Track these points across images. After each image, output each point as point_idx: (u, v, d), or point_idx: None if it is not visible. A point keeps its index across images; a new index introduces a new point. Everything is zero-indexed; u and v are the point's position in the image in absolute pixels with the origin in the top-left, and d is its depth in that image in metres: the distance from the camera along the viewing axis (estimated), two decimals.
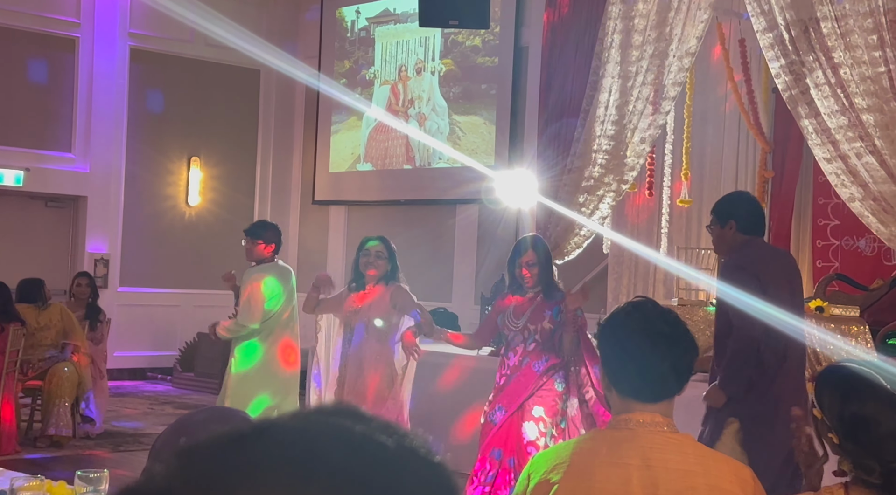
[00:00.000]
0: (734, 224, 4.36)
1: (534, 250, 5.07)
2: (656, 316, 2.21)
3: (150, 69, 11.34)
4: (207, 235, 11.82)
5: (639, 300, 2.30)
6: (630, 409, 2.20)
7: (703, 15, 6.77)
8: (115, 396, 9.37)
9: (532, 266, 5.05)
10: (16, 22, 10.46)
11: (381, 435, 0.66)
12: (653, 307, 2.25)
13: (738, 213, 4.39)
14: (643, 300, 2.30)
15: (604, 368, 2.26)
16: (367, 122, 11.56)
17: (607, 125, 7.37)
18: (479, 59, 10.64)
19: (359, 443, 0.65)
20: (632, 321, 2.20)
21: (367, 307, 5.51)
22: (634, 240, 8.19)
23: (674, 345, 2.18)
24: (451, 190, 10.61)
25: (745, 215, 4.39)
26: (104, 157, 10.97)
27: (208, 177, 11.85)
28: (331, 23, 11.92)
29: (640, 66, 7.10)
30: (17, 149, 10.51)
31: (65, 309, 7.65)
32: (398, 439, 0.67)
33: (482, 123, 10.57)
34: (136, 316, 11.19)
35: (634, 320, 2.20)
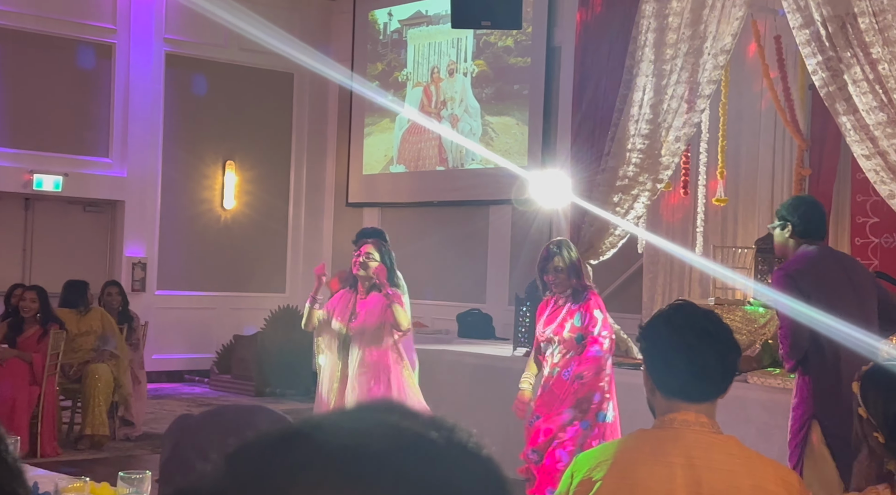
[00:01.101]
0: (793, 227, 4.39)
1: (559, 256, 5.08)
2: (700, 315, 2.21)
3: (185, 74, 11.45)
4: (242, 238, 11.91)
5: (679, 302, 2.30)
6: (674, 409, 2.20)
7: (738, 12, 6.72)
8: (153, 398, 9.46)
9: (559, 272, 5.05)
10: (53, 29, 10.60)
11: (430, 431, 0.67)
12: (694, 308, 2.25)
13: (800, 216, 4.40)
14: (684, 302, 2.30)
15: (648, 369, 2.26)
16: (399, 124, 11.59)
17: (641, 124, 7.34)
18: (512, 59, 10.63)
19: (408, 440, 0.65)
20: (676, 321, 2.21)
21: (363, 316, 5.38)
22: (669, 239, 8.14)
23: (719, 343, 2.18)
24: (484, 191, 10.61)
25: (802, 219, 4.39)
26: (141, 162, 11.09)
27: (243, 180, 11.93)
28: (363, 25, 11.97)
29: (675, 65, 7.06)
30: (55, 155, 10.65)
31: (106, 314, 7.73)
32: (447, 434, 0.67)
33: (515, 124, 10.56)
34: (173, 319, 11.30)
35: (678, 320, 2.20)
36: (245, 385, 10.77)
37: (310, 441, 0.65)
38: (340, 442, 0.64)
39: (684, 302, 2.35)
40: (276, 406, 9.15)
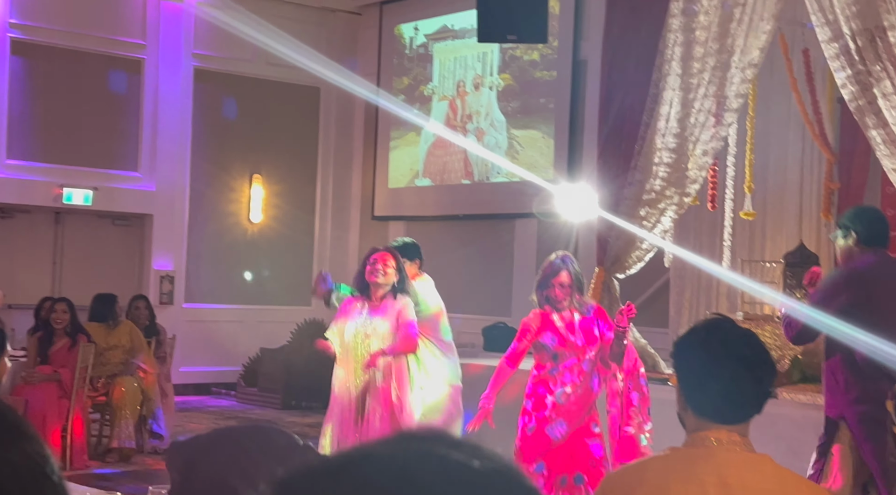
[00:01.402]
0: (855, 236, 4.47)
1: (566, 270, 5.14)
2: (738, 336, 2.18)
3: (213, 88, 11.55)
4: (269, 251, 11.97)
5: (716, 319, 2.28)
6: (706, 427, 2.18)
7: (765, 26, 6.70)
8: (181, 411, 9.51)
9: (564, 286, 5.12)
10: (83, 44, 10.73)
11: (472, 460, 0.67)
12: (732, 327, 2.22)
13: (861, 225, 4.49)
14: (721, 319, 2.28)
15: (681, 388, 2.24)
16: (425, 138, 11.62)
17: (668, 138, 7.32)
18: (538, 73, 10.64)
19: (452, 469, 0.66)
20: (712, 341, 2.18)
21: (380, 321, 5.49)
22: (697, 253, 8.10)
23: (756, 367, 2.15)
24: (510, 204, 10.61)
25: (866, 227, 4.49)
26: (169, 176, 11.18)
27: (270, 193, 12.00)
28: (389, 40, 12.02)
29: (702, 78, 7.04)
30: (85, 169, 10.77)
31: (134, 328, 7.78)
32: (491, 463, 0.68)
33: (540, 137, 10.56)
34: (200, 331, 11.36)
35: (715, 340, 2.17)
36: (271, 398, 10.80)
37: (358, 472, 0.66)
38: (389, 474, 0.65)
39: (721, 318, 2.33)
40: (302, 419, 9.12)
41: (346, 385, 5.49)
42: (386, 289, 5.49)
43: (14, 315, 9.61)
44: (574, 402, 5.06)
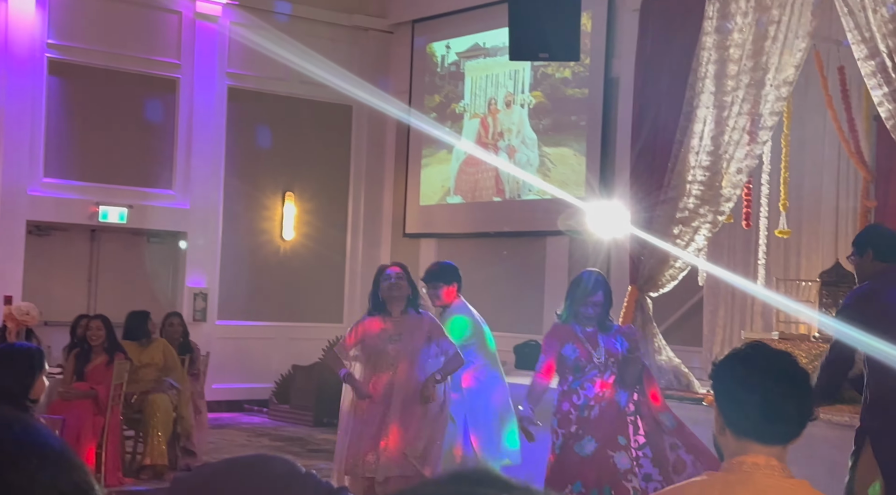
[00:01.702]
0: (871, 253, 4.64)
1: (603, 291, 5.21)
2: (778, 357, 2.18)
3: (246, 107, 11.65)
4: (301, 269, 12.02)
5: (755, 342, 2.28)
6: (745, 451, 2.16)
7: (800, 43, 6.65)
8: (213, 428, 9.55)
9: (598, 306, 5.19)
10: (119, 64, 10.87)
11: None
12: (772, 349, 2.23)
13: (875, 242, 4.68)
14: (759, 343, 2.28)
15: (719, 407, 2.22)
16: (456, 155, 11.64)
17: (702, 156, 7.28)
18: (569, 90, 10.63)
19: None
20: (752, 361, 2.18)
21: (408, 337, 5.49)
22: (731, 271, 8.03)
23: (796, 386, 2.14)
24: (541, 222, 10.59)
25: (881, 244, 4.67)
26: (203, 194, 11.28)
27: (302, 211, 12.06)
28: (421, 58, 12.07)
29: (736, 96, 7.00)
30: (121, 187, 10.88)
31: (168, 346, 7.82)
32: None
33: (572, 155, 10.54)
34: (233, 348, 11.42)
35: (755, 360, 2.17)
36: (303, 415, 10.82)
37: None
38: None
39: (759, 342, 2.34)
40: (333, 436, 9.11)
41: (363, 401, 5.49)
42: (403, 303, 5.52)
43: (50, 332, 9.71)
44: (600, 418, 5.04)
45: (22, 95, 10.33)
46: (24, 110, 10.33)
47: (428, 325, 5.53)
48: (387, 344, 5.48)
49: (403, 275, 5.59)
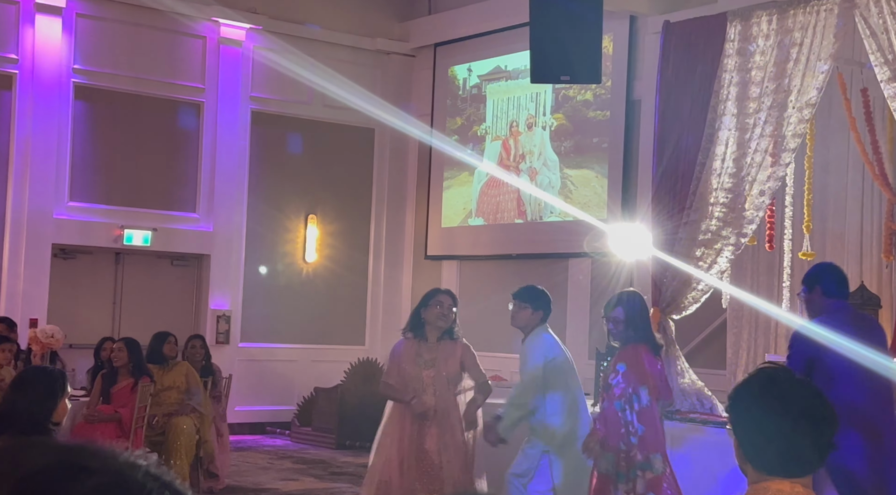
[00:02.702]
0: (819, 289, 5.03)
1: (619, 306, 5.31)
2: (795, 389, 2.12)
3: (270, 130, 11.73)
4: (324, 291, 12.05)
5: (771, 369, 2.21)
6: (767, 479, 2.14)
7: (823, 65, 6.63)
8: (236, 451, 9.57)
9: (617, 322, 5.28)
10: (144, 89, 10.99)
11: None
12: (788, 378, 2.15)
13: (823, 278, 5.09)
14: (776, 369, 2.22)
15: (739, 442, 2.19)
16: (478, 177, 11.67)
17: (724, 178, 7.25)
18: (591, 113, 10.64)
19: None
20: (768, 396, 2.11)
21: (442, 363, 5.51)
22: (754, 294, 7.98)
23: (815, 422, 2.09)
24: (564, 244, 10.57)
25: (828, 280, 5.09)
26: (227, 217, 11.35)
27: (324, 233, 12.11)
28: (443, 81, 12.13)
29: (758, 118, 6.98)
30: (145, 211, 10.97)
31: (191, 369, 7.84)
32: None
33: (594, 177, 10.54)
34: (256, 371, 11.45)
35: (772, 396, 2.11)
36: (326, 437, 10.81)
37: None
38: None
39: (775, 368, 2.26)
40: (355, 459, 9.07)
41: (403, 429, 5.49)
42: (442, 331, 5.53)
43: (74, 354, 9.78)
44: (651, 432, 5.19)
45: (48, 120, 10.46)
46: (49, 134, 10.46)
47: (461, 352, 5.55)
48: (421, 369, 5.50)
49: (454, 305, 5.61)
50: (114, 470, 0.75)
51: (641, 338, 5.27)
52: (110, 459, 0.77)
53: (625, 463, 5.15)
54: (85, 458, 0.76)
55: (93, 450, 0.77)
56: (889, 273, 7.77)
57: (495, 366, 11.14)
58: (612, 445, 5.17)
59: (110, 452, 0.77)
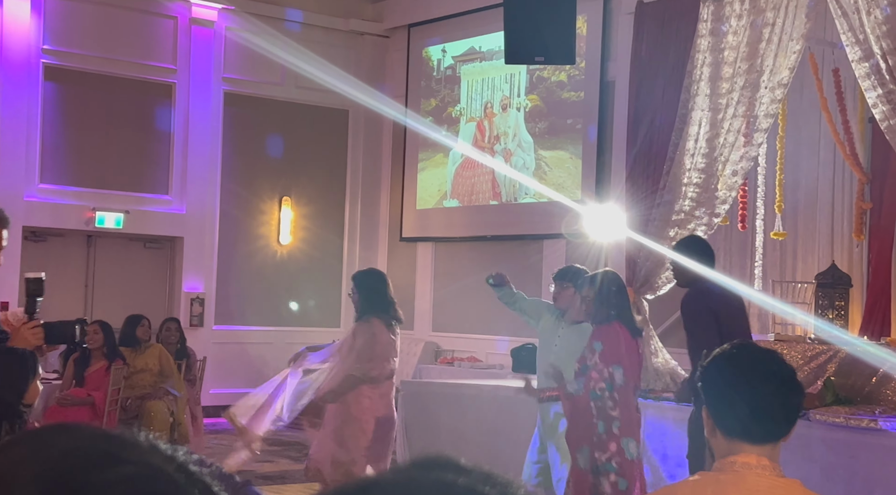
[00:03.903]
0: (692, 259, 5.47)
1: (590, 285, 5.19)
2: (763, 355, 2.19)
3: (243, 112, 11.65)
4: (298, 273, 12.02)
5: (739, 342, 2.28)
6: (735, 451, 2.16)
7: (795, 45, 6.67)
8: (210, 433, 9.54)
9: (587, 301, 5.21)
10: (115, 70, 10.87)
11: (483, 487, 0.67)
12: (757, 347, 2.23)
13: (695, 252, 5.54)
14: (745, 342, 2.28)
15: (709, 409, 2.23)
16: (453, 159, 11.65)
17: (697, 158, 7.29)
18: (565, 94, 10.65)
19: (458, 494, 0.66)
20: (738, 360, 2.18)
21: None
22: (727, 274, 8.03)
23: (784, 384, 2.15)
24: (538, 225, 10.59)
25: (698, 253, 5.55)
26: (200, 199, 11.28)
27: (299, 216, 12.07)
28: (417, 62, 12.09)
29: (731, 99, 7.01)
30: (117, 193, 10.88)
31: (164, 351, 7.81)
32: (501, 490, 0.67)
33: (568, 158, 10.55)
34: (230, 353, 11.41)
35: (741, 360, 2.18)
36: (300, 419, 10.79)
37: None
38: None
39: (744, 341, 2.33)
40: None
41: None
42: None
43: None
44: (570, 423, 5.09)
45: (17, 101, 10.33)
46: (19, 116, 10.33)
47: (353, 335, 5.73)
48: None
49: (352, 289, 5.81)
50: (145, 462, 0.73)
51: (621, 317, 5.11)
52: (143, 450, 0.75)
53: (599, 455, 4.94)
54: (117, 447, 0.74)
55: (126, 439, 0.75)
56: (860, 252, 7.85)
57: (470, 347, 11.18)
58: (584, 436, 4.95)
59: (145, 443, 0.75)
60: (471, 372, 9.97)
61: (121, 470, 0.71)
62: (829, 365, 6.37)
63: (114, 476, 0.71)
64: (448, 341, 11.43)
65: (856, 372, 6.16)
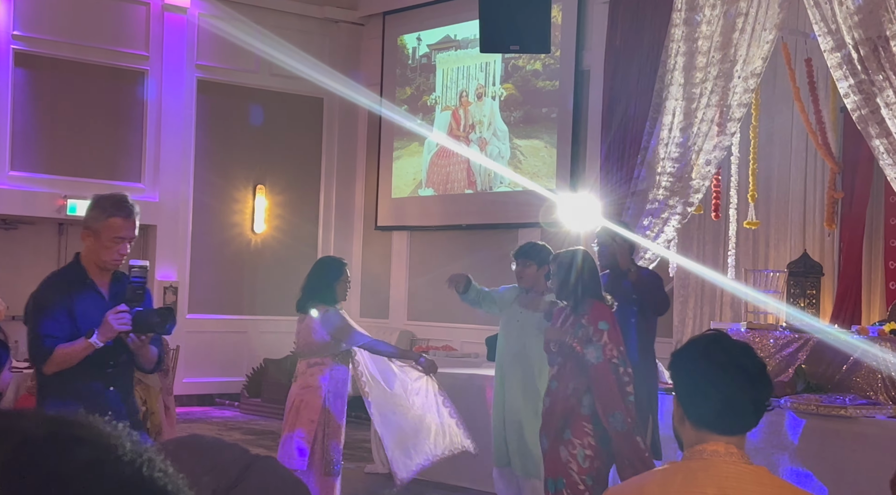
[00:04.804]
0: None
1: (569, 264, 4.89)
2: (736, 350, 2.20)
3: (216, 99, 11.57)
4: (273, 262, 11.97)
5: (714, 333, 2.29)
6: (704, 440, 2.18)
7: (768, 35, 6.70)
8: (184, 422, 9.50)
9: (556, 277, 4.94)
10: (87, 56, 10.76)
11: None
12: (730, 340, 2.24)
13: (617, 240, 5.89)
14: (718, 333, 2.29)
15: (679, 399, 2.24)
16: (428, 148, 11.63)
17: (671, 147, 7.31)
18: (540, 82, 10.65)
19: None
20: (711, 353, 2.19)
21: None
22: (700, 262, 8.08)
23: (754, 379, 2.17)
24: (513, 214, 10.60)
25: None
26: (173, 187, 11.20)
27: (273, 204, 12.01)
28: (392, 50, 12.04)
29: (705, 88, 7.04)
30: (89, 180, 10.78)
31: None
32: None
33: (543, 147, 10.56)
34: (203, 342, 11.36)
35: (714, 352, 2.19)
36: (275, 408, 10.77)
37: None
38: None
39: (718, 333, 2.34)
40: None
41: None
42: None
43: (18, 326, 9.59)
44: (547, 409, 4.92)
45: None
46: None
47: None
48: None
49: None
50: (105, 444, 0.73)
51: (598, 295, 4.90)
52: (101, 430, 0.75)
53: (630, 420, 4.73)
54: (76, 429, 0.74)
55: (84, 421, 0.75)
56: (831, 241, 7.91)
57: (446, 336, 11.18)
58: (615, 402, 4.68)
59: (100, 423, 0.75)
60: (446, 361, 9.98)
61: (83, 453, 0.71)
62: (800, 353, 6.42)
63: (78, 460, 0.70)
64: (423, 330, 11.43)
65: (826, 360, 6.21)
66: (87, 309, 3.71)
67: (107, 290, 3.80)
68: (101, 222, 3.71)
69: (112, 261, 3.76)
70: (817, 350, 6.31)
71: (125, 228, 3.74)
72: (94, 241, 3.72)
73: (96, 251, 3.73)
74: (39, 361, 3.70)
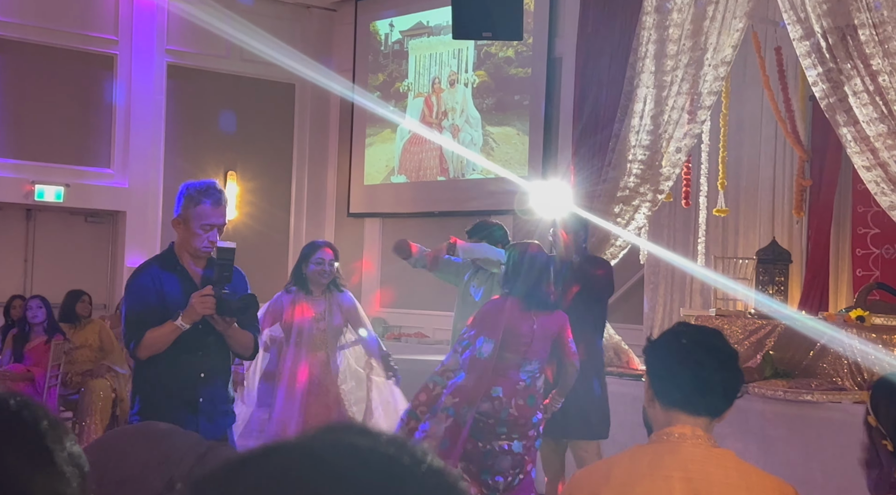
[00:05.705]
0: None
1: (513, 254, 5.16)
2: (710, 334, 2.25)
3: (187, 85, 11.47)
4: (244, 248, 11.82)
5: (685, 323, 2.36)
6: (672, 422, 2.20)
7: (738, 24, 6.73)
8: None
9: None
10: (55, 40, 10.63)
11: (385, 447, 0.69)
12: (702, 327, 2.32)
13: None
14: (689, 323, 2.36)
15: (650, 378, 2.27)
16: (401, 135, 11.61)
17: (642, 135, 7.34)
18: (513, 70, 10.65)
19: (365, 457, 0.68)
20: (686, 336, 2.24)
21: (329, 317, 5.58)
22: (671, 250, 8.13)
23: (726, 361, 2.20)
24: (485, 201, 10.61)
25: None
26: (142, 173, 11.10)
27: (244, 191, 11.94)
28: (365, 36, 11.99)
29: (675, 76, 7.07)
30: (57, 166, 10.67)
31: (105, 327, 7.71)
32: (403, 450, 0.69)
33: (515, 134, 10.57)
34: None
35: (688, 335, 2.24)
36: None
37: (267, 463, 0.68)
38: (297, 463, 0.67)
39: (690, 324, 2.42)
40: None
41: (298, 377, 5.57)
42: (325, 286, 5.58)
43: None
44: None
45: None
46: None
47: (347, 307, 5.59)
48: (313, 324, 5.52)
49: (335, 259, 5.63)
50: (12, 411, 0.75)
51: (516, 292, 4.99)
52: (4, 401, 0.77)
53: None
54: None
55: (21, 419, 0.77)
56: (799, 228, 7.99)
57: (419, 323, 11.19)
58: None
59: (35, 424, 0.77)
60: (418, 348, 9.99)
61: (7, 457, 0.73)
62: (768, 339, 6.49)
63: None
64: (396, 317, 11.42)
65: (794, 346, 6.28)
66: (177, 293, 3.67)
67: (199, 275, 3.77)
68: (190, 210, 3.68)
69: (202, 248, 3.74)
70: (785, 336, 6.37)
71: (214, 215, 3.72)
72: (185, 230, 3.71)
73: (187, 239, 3.72)
74: (132, 346, 3.67)
